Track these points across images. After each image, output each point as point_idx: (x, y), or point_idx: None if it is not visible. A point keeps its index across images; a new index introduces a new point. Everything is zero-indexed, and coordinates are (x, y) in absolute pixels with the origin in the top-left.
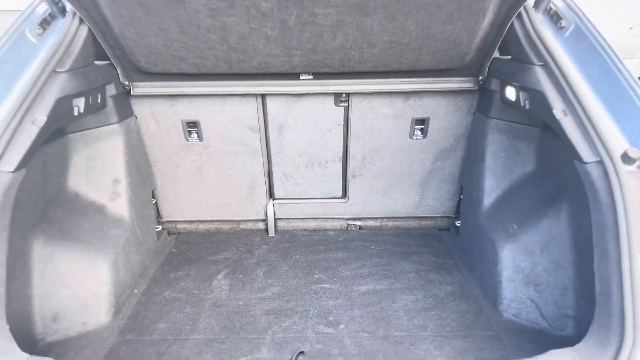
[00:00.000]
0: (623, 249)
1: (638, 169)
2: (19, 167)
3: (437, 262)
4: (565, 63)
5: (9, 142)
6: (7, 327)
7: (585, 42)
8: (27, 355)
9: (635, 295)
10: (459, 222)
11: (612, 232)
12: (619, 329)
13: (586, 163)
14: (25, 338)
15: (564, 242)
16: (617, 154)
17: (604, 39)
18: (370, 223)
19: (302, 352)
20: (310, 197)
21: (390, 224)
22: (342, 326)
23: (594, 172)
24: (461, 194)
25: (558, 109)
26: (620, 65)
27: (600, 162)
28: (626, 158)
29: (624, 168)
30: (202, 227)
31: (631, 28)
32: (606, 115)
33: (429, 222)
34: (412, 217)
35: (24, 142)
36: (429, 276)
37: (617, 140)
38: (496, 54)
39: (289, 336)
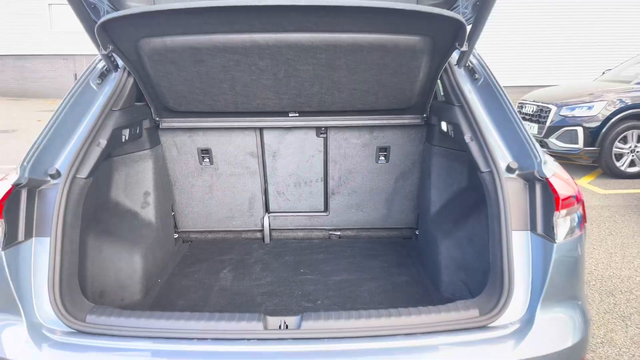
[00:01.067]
0: (502, 229)
1: (515, 176)
2: (88, 176)
3: (399, 261)
4: (474, 104)
5: (83, 158)
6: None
7: (490, 90)
8: (93, 304)
9: (509, 261)
10: (418, 231)
11: (497, 218)
12: (499, 284)
13: (482, 172)
14: None
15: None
16: (502, 166)
17: (501, 87)
18: (348, 233)
19: None
20: (298, 211)
21: (364, 233)
22: (318, 302)
23: (487, 178)
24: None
25: (467, 136)
26: (510, 106)
27: (491, 172)
28: (508, 168)
29: (505, 175)
30: (210, 236)
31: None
32: (498, 140)
33: (396, 232)
34: (382, 228)
35: (92, 158)
36: (391, 270)
37: (503, 156)
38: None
39: (278, 308)
